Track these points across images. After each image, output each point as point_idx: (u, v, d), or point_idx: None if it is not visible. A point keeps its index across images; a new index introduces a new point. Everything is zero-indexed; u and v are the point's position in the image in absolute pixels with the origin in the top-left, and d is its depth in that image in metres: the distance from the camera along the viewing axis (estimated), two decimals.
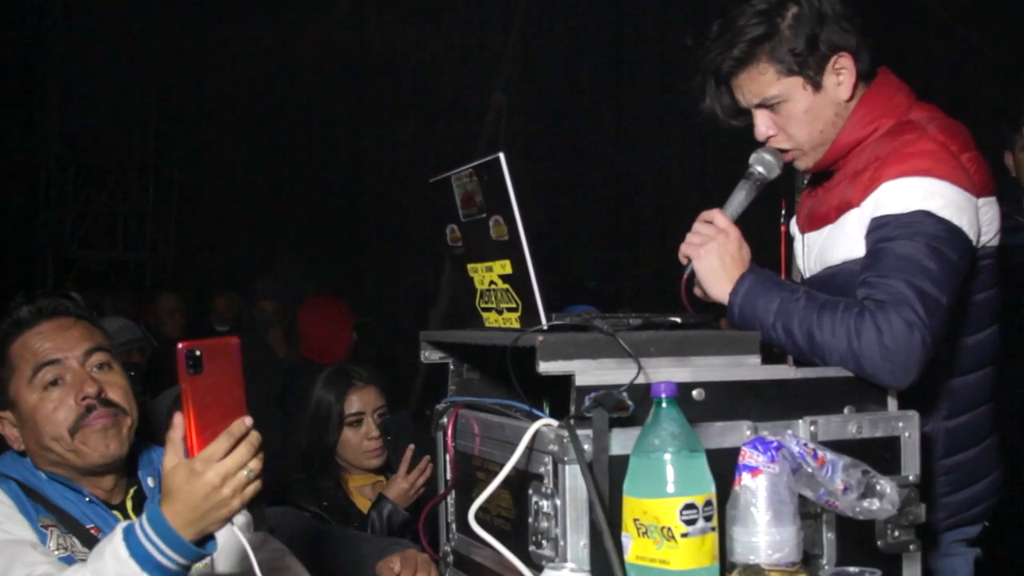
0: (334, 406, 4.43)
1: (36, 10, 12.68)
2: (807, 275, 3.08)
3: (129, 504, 2.85)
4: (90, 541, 2.69)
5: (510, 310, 2.51)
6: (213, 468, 2.23)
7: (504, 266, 2.47)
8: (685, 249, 2.88)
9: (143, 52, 13.26)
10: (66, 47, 12.99)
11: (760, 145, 3.02)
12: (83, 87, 13.07)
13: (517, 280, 2.44)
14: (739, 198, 2.98)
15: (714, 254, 2.81)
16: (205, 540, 2.31)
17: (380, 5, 12.63)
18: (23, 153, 12.75)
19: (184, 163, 13.46)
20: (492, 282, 2.55)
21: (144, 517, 2.29)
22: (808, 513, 2.32)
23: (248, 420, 2.28)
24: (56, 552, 2.66)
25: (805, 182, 3.18)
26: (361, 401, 4.48)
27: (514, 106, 10.80)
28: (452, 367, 2.90)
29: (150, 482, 2.90)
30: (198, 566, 2.45)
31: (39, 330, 2.85)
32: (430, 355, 2.89)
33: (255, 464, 2.29)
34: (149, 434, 3.04)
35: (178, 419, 2.25)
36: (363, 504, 4.31)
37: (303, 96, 13.17)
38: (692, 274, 2.86)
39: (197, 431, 2.23)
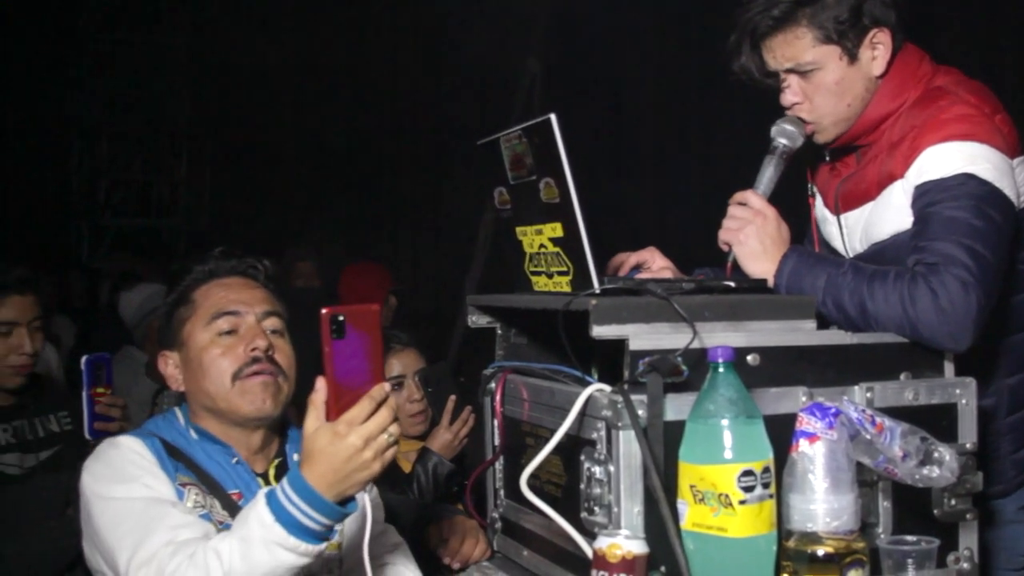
0: None
1: None
2: (850, 255, 3.03)
3: (272, 473, 2.88)
4: (231, 506, 2.72)
5: (560, 274, 2.48)
6: (356, 431, 2.26)
7: (554, 229, 2.44)
8: (723, 235, 2.86)
9: (176, 18, 13.29)
10: (99, 14, 13.01)
11: (781, 114, 2.99)
12: (116, 54, 13.10)
13: (568, 243, 2.41)
14: (768, 174, 2.95)
15: (754, 237, 2.79)
16: (345, 502, 2.34)
17: None
18: (57, 121, 12.79)
19: (218, 129, 13.47)
20: (542, 245, 2.52)
21: (286, 481, 2.33)
22: (863, 481, 2.29)
23: (387, 386, 2.31)
24: (194, 509, 2.68)
25: (825, 159, 3.13)
26: (401, 364, 4.45)
27: (549, 71, 10.75)
28: (499, 332, 2.87)
29: (296, 457, 2.90)
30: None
31: (227, 282, 2.95)
32: (477, 319, 2.86)
33: (395, 428, 2.31)
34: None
35: (320, 383, 2.29)
36: (407, 468, 4.28)
37: (336, 61, 13.15)
38: (735, 260, 2.83)
39: (338, 395, 2.27)
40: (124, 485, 2.64)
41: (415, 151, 13.24)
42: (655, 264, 3.07)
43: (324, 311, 2.22)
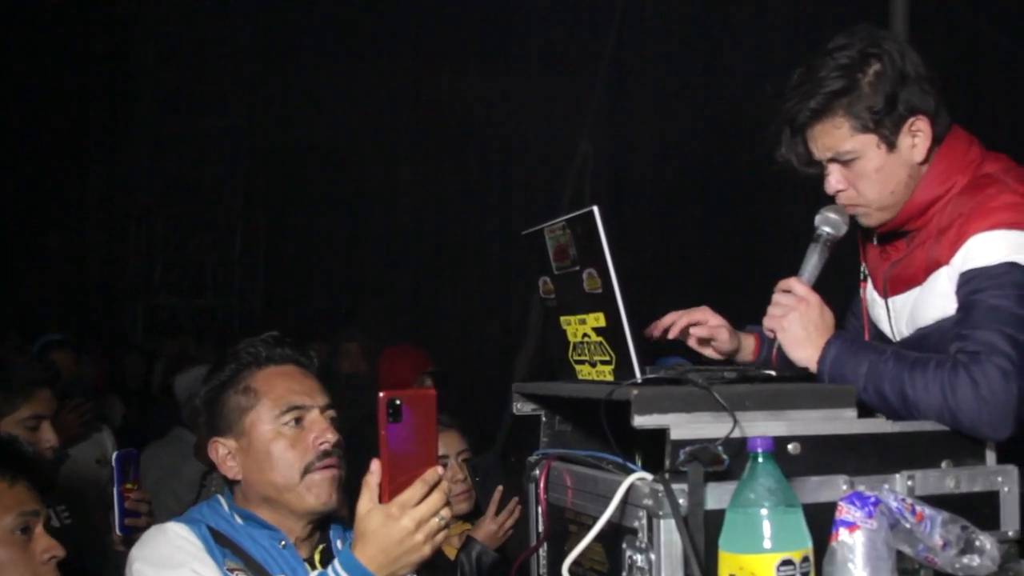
0: None
1: (125, 62, 12.92)
2: (897, 339, 3.04)
3: (317, 558, 2.91)
4: None
5: (603, 363, 2.51)
6: (408, 513, 2.32)
7: (597, 319, 2.46)
8: (768, 322, 2.87)
9: (231, 102, 13.47)
10: (155, 98, 13.23)
11: (830, 200, 3.01)
12: (172, 137, 13.30)
13: (610, 333, 2.44)
14: (812, 261, 2.97)
15: (797, 324, 2.80)
16: None
17: (465, 55, 12.73)
18: (113, 202, 12.97)
19: (271, 211, 13.62)
20: (585, 334, 2.55)
21: (337, 561, 2.39)
22: (906, 569, 2.28)
23: (440, 469, 2.38)
24: None
25: (875, 242, 3.14)
26: (444, 445, 4.47)
27: (600, 154, 10.81)
28: (544, 419, 2.88)
29: (339, 544, 2.94)
30: None
31: (285, 371, 2.97)
32: (522, 407, 2.87)
33: (446, 512, 2.39)
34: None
35: (375, 465, 2.35)
36: (451, 553, 4.30)
37: (387, 145, 13.29)
38: (780, 347, 2.85)
39: (392, 477, 2.33)
40: (173, 571, 2.68)
41: (465, 234, 13.33)
42: (710, 321, 3.10)
43: (382, 395, 2.28)
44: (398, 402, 2.30)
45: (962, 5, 8.90)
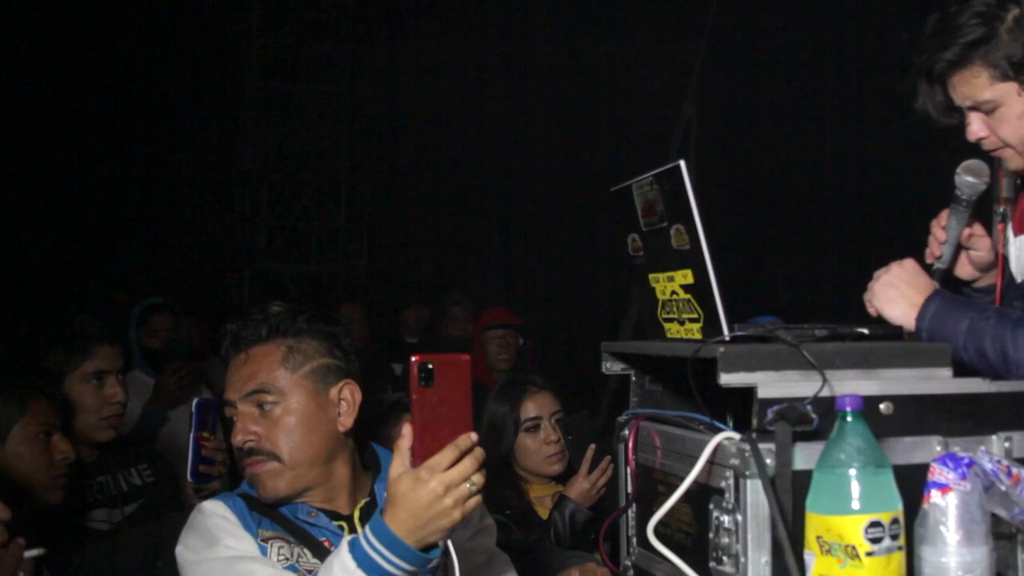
0: (508, 414, 4.45)
1: (232, 29, 13.02)
2: (1019, 279, 2.97)
3: (356, 515, 2.92)
4: (322, 553, 2.76)
5: (692, 321, 2.47)
6: (437, 477, 2.30)
7: (686, 276, 2.43)
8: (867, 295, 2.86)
9: (335, 68, 13.53)
10: (260, 63, 13.31)
11: (973, 147, 2.93)
12: (277, 103, 13.39)
13: (699, 290, 2.40)
14: (951, 224, 2.90)
15: (888, 285, 2.79)
16: (429, 548, 2.38)
17: (569, 18, 12.66)
18: (220, 169, 13.10)
19: (376, 176, 13.68)
20: (674, 292, 2.51)
21: (368, 527, 2.38)
22: (1001, 533, 2.22)
23: (474, 435, 2.36)
24: (279, 562, 2.74)
25: (1019, 182, 3.05)
26: (537, 406, 4.49)
27: (705, 115, 10.71)
28: (634, 378, 2.86)
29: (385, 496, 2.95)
30: None
31: (232, 363, 2.95)
32: (611, 366, 2.85)
33: (478, 478, 2.36)
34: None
35: (406, 429, 2.34)
36: (544, 514, 4.31)
37: (491, 110, 13.27)
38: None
39: (423, 442, 2.31)
40: (210, 548, 2.72)
41: (571, 197, 13.27)
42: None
43: (413, 359, 2.27)
44: (430, 366, 2.28)
45: None
